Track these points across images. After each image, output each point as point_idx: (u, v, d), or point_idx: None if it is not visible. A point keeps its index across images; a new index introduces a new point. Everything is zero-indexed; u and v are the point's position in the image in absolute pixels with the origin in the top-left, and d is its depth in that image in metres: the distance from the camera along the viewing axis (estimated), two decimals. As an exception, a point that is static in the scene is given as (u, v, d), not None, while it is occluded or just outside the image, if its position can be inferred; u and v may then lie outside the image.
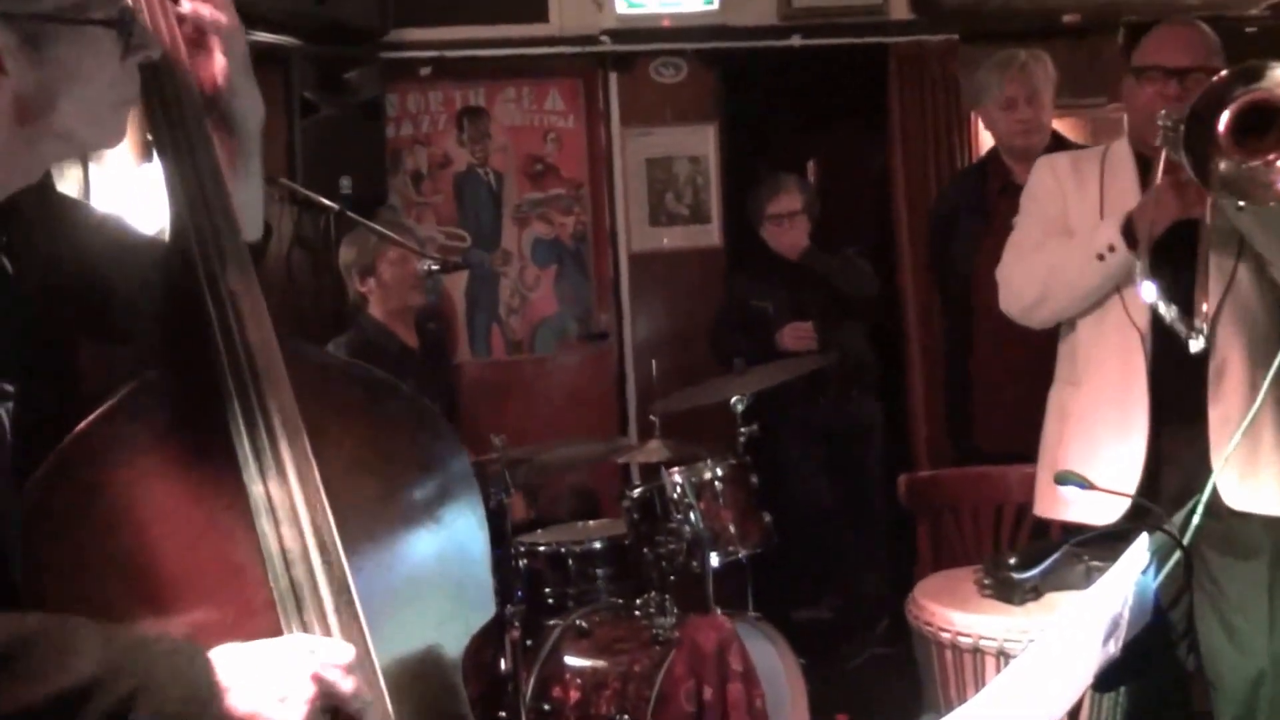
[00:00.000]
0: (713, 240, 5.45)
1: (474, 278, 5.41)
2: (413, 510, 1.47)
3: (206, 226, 1.41)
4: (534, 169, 5.46)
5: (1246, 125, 2.29)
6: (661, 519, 3.40)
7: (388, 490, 1.46)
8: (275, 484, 1.34)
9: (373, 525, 1.42)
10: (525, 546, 3.42)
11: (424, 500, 1.48)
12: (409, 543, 1.46)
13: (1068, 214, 2.87)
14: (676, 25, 5.32)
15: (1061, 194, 2.90)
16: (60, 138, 1.27)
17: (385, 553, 1.43)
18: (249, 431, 1.35)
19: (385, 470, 1.46)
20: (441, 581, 1.47)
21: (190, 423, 1.36)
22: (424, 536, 1.47)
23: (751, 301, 4.78)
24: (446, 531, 1.48)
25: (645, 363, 5.04)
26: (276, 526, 1.33)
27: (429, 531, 1.47)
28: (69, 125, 1.25)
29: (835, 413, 4.76)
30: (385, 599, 1.39)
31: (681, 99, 5.40)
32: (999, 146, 4.09)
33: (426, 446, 1.51)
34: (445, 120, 5.39)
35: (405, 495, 1.47)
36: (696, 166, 5.41)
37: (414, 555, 1.46)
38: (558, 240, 5.48)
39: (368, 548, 1.41)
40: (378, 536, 1.43)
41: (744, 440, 3.60)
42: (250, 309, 1.40)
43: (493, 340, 5.47)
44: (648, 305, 5.45)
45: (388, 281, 4.01)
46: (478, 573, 1.50)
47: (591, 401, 5.39)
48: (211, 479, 1.34)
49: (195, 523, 1.33)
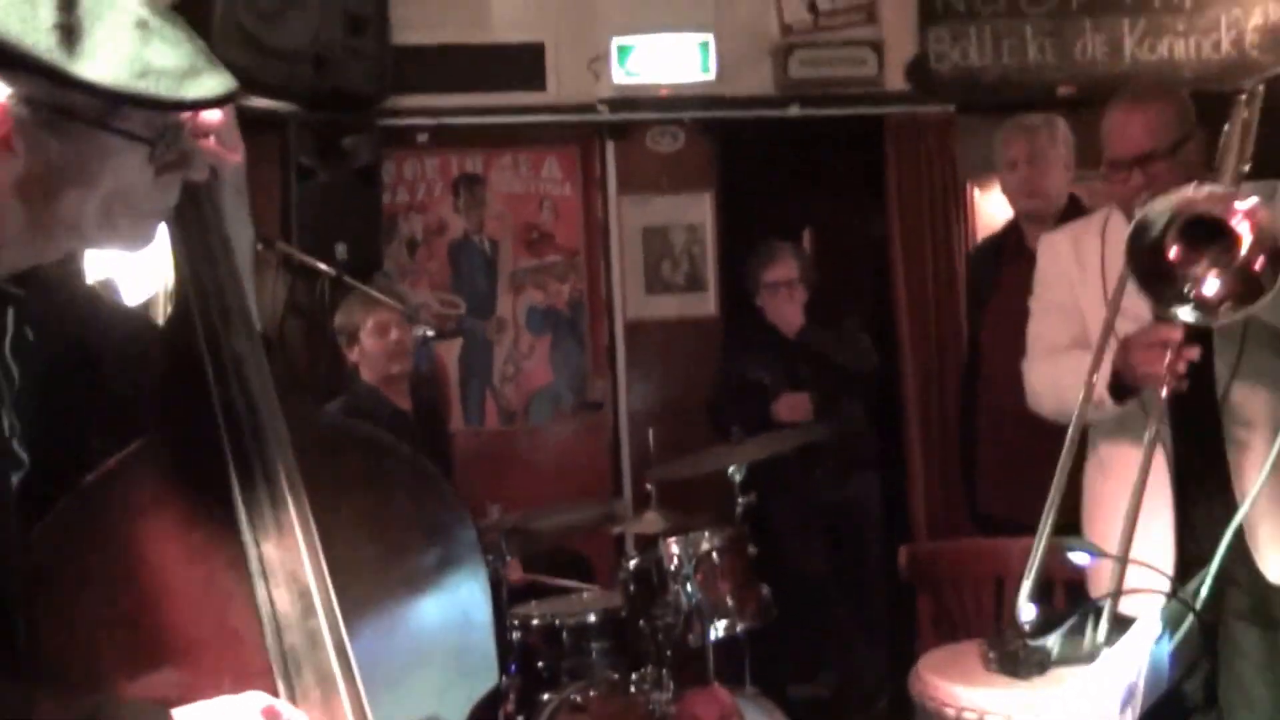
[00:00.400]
0: (709, 309, 5.44)
1: (468, 345, 5.38)
2: (415, 575, 1.44)
3: (211, 288, 1.41)
4: (530, 236, 5.45)
5: (1193, 234, 2.26)
6: (658, 590, 3.36)
7: (390, 554, 1.44)
8: (273, 546, 1.33)
9: (374, 590, 1.40)
10: (519, 619, 3.37)
11: (426, 565, 1.45)
12: (411, 608, 1.43)
13: (1076, 297, 2.85)
14: (674, 95, 5.34)
15: (1066, 277, 2.88)
16: (69, 230, 1.24)
17: (386, 618, 1.40)
18: (248, 493, 1.34)
19: (388, 534, 1.44)
20: (443, 648, 1.44)
21: (192, 483, 1.35)
22: (426, 602, 1.44)
23: (747, 372, 4.75)
24: (449, 597, 1.46)
25: (640, 432, 5.00)
26: (273, 589, 1.31)
27: (431, 597, 1.45)
28: (74, 219, 1.23)
29: (832, 486, 4.71)
30: (386, 665, 1.37)
31: (678, 167, 5.42)
32: None
33: (430, 510, 1.49)
34: (441, 187, 5.39)
35: (408, 560, 1.45)
36: (693, 235, 5.41)
37: (416, 621, 1.43)
38: (553, 308, 5.46)
39: (368, 612, 1.38)
40: (379, 601, 1.40)
41: (741, 510, 3.56)
42: (253, 370, 1.39)
43: (486, 409, 5.43)
44: (643, 374, 5.41)
45: (368, 350, 4.05)
46: (480, 639, 1.48)
47: (586, 472, 5.35)
48: (212, 540, 1.33)
49: (194, 584, 1.32)
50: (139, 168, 1.23)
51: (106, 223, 1.24)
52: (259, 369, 1.39)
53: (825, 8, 5.45)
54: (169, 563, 1.31)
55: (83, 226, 1.24)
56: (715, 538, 3.39)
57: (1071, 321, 2.84)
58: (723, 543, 3.40)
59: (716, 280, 5.42)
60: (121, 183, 1.22)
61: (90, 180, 1.20)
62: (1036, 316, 2.97)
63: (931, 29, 5.57)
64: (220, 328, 1.39)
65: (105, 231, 1.26)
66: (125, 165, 1.22)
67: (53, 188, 1.19)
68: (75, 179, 1.20)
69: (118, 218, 1.25)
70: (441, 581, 1.46)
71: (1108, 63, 5.66)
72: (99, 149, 1.20)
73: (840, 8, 5.47)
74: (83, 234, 1.26)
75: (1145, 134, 2.63)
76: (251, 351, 1.39)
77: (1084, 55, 5.65)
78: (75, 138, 1.18)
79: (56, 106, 1.16)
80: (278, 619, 1.31)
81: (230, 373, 1.37)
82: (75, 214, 1.22)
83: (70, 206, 1.21)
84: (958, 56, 5.59)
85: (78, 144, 1.19)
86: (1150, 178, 2.60)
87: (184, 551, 1.32)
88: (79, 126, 1.18)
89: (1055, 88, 5.60)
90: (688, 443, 4.48)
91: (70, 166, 1.19)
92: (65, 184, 1.20)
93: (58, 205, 1.21)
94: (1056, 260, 2.92)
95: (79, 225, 1.23)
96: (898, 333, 5.44)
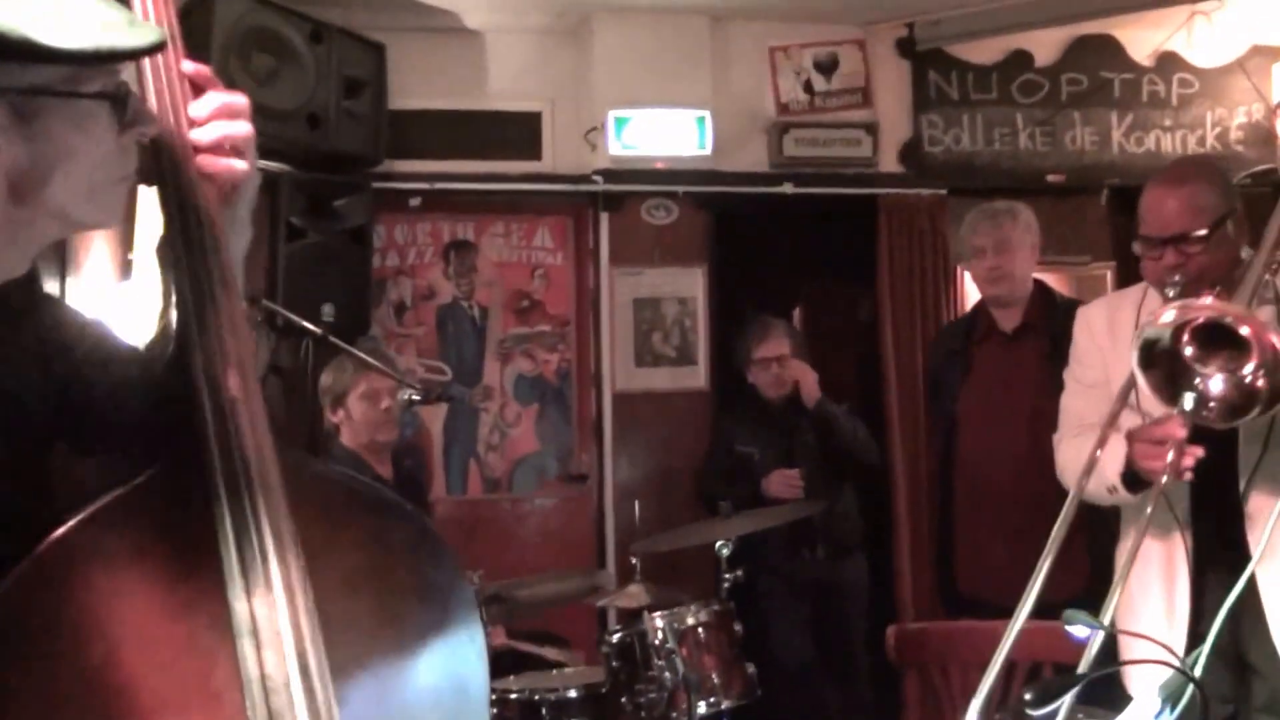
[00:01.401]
0: (699, 382, 5.39)
1: (453, 413, 5.33)
2: (409, 639, 1.37)
3: (211, 329, 1.35)
4: (520, 305, 5.43)
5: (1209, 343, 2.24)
6: (641, 665, 3.29)
7: (384, 617, 1.36)
8: (261, 604, 1.25)
9: (365, 653, 1.33)
10: (497, 693, 3.28)
11: (422, 629, 1.38)
12: (403, 673, 1.36)
13: (1109, 373, 2.82)
14: (669, 168, 5.34)
15: (1099, 353, 2.85)
16: (54, 216, 1.22)
17: (377, 683, 1.33)
18: (238, 545, 1.27)
19: (383, 595, 1.37)
20: (436, 716, 1.37)
21: (177, 533, 1.27)
22: (420, 668, 1.37)
23: (737, 446, 4.72)
24: (444, 664, 1.38)
25: (626, 505, 4.94)
26: (259, 650, 1.24)
27: (425, 663, 1.37)
28: (62, 202, 1.20)
29: (820, 568, 4.65)
30: None
31: (672, 240, 5.41)
32: None
33: (428, 572, 1.42)
34: (432, 252, 5.38)
35: (402, 623, 1.37)
36: (685, 308, 5.38)
37: (408, 687, 1.36)
38: (541, 377, 5.42)
39: (358, 677, 1.31)
40: (370, 665, 1.33)
41: (728, 586, 3.50)
42: (250, 418, 1.33)
43: (469, 478, 5.36)
44: (630, 446, 5.35)
45: (356, 417, 3.97)
46: (475, 709, 1.41)
47: (569, 544, 5.28)
48: (195, 595, 1.25)
49: (174, 641, 1.23)
50: (107, 131, 1.21)
51: (90, 198, 1.22)
52: (258, 415, 1.33)
53: (821, 89, 5.51)
54: (149, 617, 1.23)
55: (69, 208, 1.21)
56: (701, 613, 3.34)
57: (1104, 400, 2.81)
58: (709, 618, 3.34)
59: (707, 354, 5.40)
60: (100, 150, 1.21)
61: (74, 155, 1.18)
62: (1070, 390, 2.94)
63: (925, 114, 5.66)
64: (219, 368, 1.33)
65: (89, 207, 1.24)
66: (97, 131, 1.20)
67: (43, 175, 1.17)
68: (62, 159, 1.18)
69: (98, 190, 1.23)
70: (437, 647, 1.39)
71: (1096, 152, 5.78)
72: (73, 120, 1.17)
73: (835, 89, 5.53)
74: (68, 216, 1.23)
75: (1180, 215, 2.61)
76: (249, 396, 1.34)
77: (1073, 144, 5.78)
78: (51, 115, 1.16)
79: (27, 88, 1.13)
80: (260, 682, 1.23)
81: (229, 416, 1.31)
82: (65, 196, 1.20)
83: (60, 189, 1.19)
84: (950, 141, 5.68)
85: (55, 121, 1.16)
86: (1185, 257, 2.59)
87: (166, 605, 1.24)
88: (51, 102, 1.15)
89: (1044, 175, 5.69)
90: (674, 517, 4.44)
91: (54, 147, 1.17)
92: (53, 167, 1.17)
93: (49, 192, 1.18)
94: (1091, 334, 2.90)
95: (66, 207, 1.21)
96: (886, 413, 5.42)
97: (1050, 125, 5.72)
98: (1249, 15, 5.63)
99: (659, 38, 5.32)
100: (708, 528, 3.74)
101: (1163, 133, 5.81)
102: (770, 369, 4.68)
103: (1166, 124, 5.81)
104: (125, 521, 1.26)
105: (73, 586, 1.21)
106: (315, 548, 1.31)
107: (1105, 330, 2.87)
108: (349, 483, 1.46)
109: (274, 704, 1.23)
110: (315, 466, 1.45)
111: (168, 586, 1.25)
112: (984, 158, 5.67)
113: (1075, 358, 2.95)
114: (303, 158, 4.71)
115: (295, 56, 4.58)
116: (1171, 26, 5.66)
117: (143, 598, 1.24)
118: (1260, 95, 5.75)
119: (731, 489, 4.35)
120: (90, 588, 1.21)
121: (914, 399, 5.32)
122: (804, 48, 5.50)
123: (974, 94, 5.68)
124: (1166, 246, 2.61)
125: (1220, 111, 5.83)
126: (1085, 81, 5.73)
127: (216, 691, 1.23)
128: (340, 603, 1.31)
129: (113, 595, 1.22)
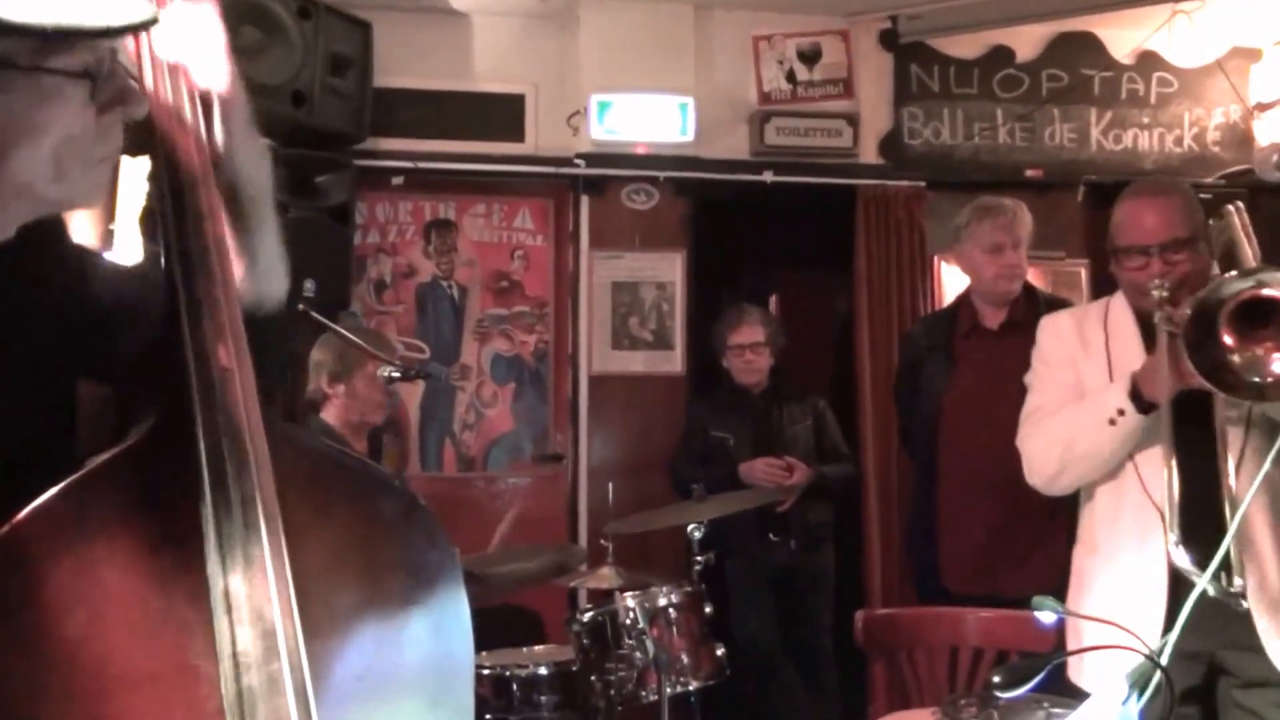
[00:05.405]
0: (675, 367, 5.43)
1: (430, 391, 5.35)
2: (394, 617, 1.35)
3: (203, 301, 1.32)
4: (499, 285, 5.45)
5: (1247, 317, 2.31)
6: (611, 645, 3.31)
7: (369, 593, 1.34)
8: (240, 579, 1.23)
9: (348, 631, 1.31)
10: (469, 668, 3.30)
11: (408, 606, 1.36)
12: (389, 648, 1.34)
13: (1079, 374, 2.87)
14: (651, 153, 5.37)
15: (1071, 358, 2.89)
16: (19, 193, 1.18)
17: (361, 658, 1.32)
18: (220, 519, 1.24)
19: (369, 571, 1.35)
20: (419, 697, 1.35)
21: (161, 504, 1.25)
22: (406, 643, 1.35)
23: (711, 431, 4.75)
24: (429, 642, 1.37)
25: (599, 486, 4.97)
26: (236, 626, 1.22)
27: (412, 638, 1.35)
28: (28, 179, 1.17)
29: (789, 555, 4.68)
30: (354, 712, 1.29)
31: (651, 225, 5.44)
32: (975, 290, 4.13)
33: (418, 548, 1.40)
34: (413, 231, 5.39)
35: (388, 600, 1.35)
36: (662, 293, 5.42)
37: (390, 667, 1.34)
38: (518, 358, 5.45)
39: (342, 652, 1.30)
40: (355, 640, 1.32)
41: (699, 569, 3.54)
42: (240, 388, 1.30)
43: (444, 455, 5.38)
44: (605, 428, 5.39)
45: (360, 394, 3.91)
46: (459, 690, 1.39)
47: (542, 524, 5.28)
48: (178, 568, 1.23)
49: (152, 614, 1.21)
50: (81, 110, 1.17)
51: (59, 176, 1.18)
52: (249, 386, 1.30)
53: (803, 78, 5.54)
54: (128, 589, 1.20)
55: (36, 185, 1.18)
56: (673, 594, 3.36)
57: (1075, 397, 2.86)
58: (680, 599, 3.37)
59: (684, 338, 5.43)
60: (69, 129, 1.17)
61: (37, 131, 1.14)
62: (1037, 390, 2.97)
63: (906, 106, 5.70)
64: (210, 338, 1.30)
65: (58, 186, 1.19)
66: (68, 109, 1.16)
67: (2, 149, 1.14)
68: (23, 134, 1.14)
69: (69, 169, 1.19)
70: (423, 626, 1.37)
71: (1074, 149, 5.82)
72: (39, 95, 1.13)
73: (817, 80, 5.56)
74: (35, 194, 1.19)
75: (1166, 222, 2.68)
76: (240, 366, 1.31)
77: (1052, 140, 5.82)
78: (12, 89, 1.12)
79: None
80: (237, 658, 1.20)
81: (218, 389, 1.29)
82: (29, 173, 1.16)
83: (22, 166, 1.15)
84: (930, 134, 5.71)
85: (17, 95, 1.12)
86: (1171, 265, 2.65)
87: (146, 577, 1.21)
88: (13, 76, 1.11)
89: (1023, 170, 5.74)
90: (647, 499, 4.46)
91: (14, 121, 1.13)
92: (13, 142, 1.14)
93: (9, 166, 1.14)
94: (1060, 339, 2.94)
95: (32, 184, 1.17)
96: (860, 402, 5.45)
97: (1030, 121, 5.77)
98: (1230, 16, 5.68)
99: (643, 24, 5.34)
100: (681, 510, 3.77)
101: (1141, 131, 5.87)
102: (744, 355, 4.71)
103: (1145, 122, 5.87)
104: (110, 490, 1.23)
105: (53, 557, 1.18)
106: (303, 521, 1.29)
107: (1075, 336, 2.91)
108: (339, 456, 1.44)
109: (247, 681, 1.20)
110: (305, 439, 1.44)
111: (151, 558, 1.22)
112: (963, 151, 5.72)
113: (1043, 360, 2.98)
114: (286, 134, 4.70)
115: (282, 32, 4.57)
116: (1152, 25, 5.71)
117: (124, 568, 1.21)
118: (1238, 96, 5.81)
119: (705, 472, 4.40)
120: (71, 558, 1.19)
121: (888, 390, 5.35)
122: (787, 37, 5.53)
123: (955, 88, 5.73)
124: (1152, 254, 2.68)
125: (1198, 111, 5.89)
126: (1065, 78, 5.78)
127: (193, 666, 1.21)
128: (326, 576, 1.30)
129: (93, 566, 1.20)
